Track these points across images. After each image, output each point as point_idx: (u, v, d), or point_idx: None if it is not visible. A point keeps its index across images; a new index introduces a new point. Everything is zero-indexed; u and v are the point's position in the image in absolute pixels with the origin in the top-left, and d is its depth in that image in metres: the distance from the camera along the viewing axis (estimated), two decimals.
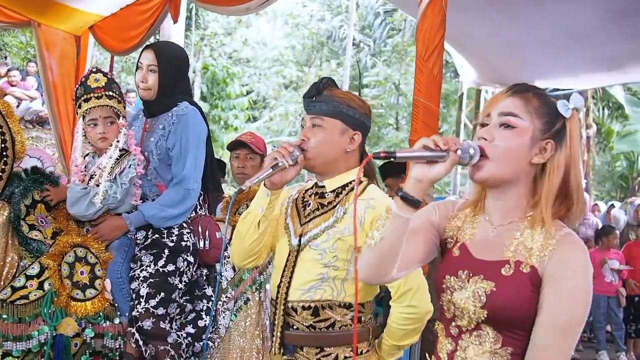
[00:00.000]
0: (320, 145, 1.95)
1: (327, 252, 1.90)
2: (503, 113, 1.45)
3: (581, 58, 7.18)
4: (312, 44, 23.33)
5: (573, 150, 1.46)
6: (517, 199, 1.47)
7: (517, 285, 1.39)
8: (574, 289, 1.35)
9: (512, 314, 1.39)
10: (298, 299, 1.91)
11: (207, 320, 2.88)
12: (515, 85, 1.51)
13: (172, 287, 2.79)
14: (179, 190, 2.90)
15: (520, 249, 1.43)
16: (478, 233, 1.52)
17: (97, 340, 2.78)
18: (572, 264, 1.37)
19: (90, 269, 2.82)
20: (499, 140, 1.44)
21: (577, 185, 1.46)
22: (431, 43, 3.47)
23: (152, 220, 2.86)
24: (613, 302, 6.47)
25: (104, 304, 2.80)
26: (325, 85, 2.01)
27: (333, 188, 2.00)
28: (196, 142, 2.93)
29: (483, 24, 6.71)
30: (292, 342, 1.93)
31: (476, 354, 1.44)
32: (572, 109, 1.46)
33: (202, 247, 2.93)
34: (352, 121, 1.98)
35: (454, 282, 1.48)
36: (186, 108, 2.95)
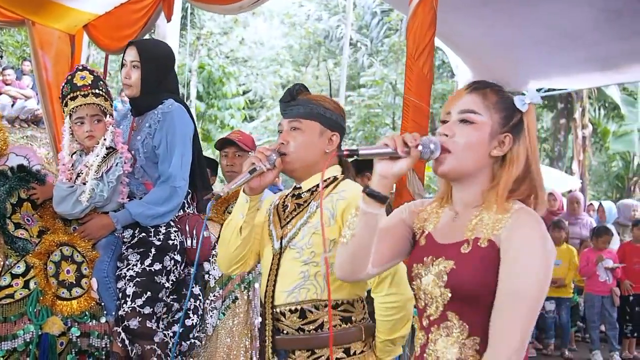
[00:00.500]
0: (300, 148, 1.96)
1: (305, 248, 1.90)
2: (462, 110, 1.51)
3: (575, 58, 7.18)
4: (309, 43, 23.33)
5: (532, 143, 1.52)
6: (478, 190, 1.52)
7: (475, 260, 1.42)
8: (524, 259, 1.37)
9: (473, 289, 1.41)
10: (284, 302, 1.90)
11: (194, 319, 2.87)
12: (474, 82, 1.56)
13: (159, 286, 2.78)
14: (165, 188, 2.89)
15: (479, 227, 1.47)
16: (442, 221, 1.58)
17: (83, 339, 2.78)
18: (522, 233, 1.40)
19: (77, 267, 2.82)
20: (459, 135, 1.49)
21: (538, 173, 1.52)
22: (421, 42, 3.46)
23: (139, 219, 2.85)
24: (607, 302, 6.45)
25: (90, 302, 2.80)
26: (299, 90, 2.03)
27: (309, 187, 2.01)
28: (182, 139, 2.92)
29: (477, 24, 6.70)
30: (283, 347, 1.92)
31: (445, 346, 1.45)
32: (529, 103, 1.52)
33: (190, 246, 2.92)
34: (329, 122, 1.99)
35: (420, 268, 1.52)
36: (172, 105, 2.94)
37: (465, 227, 1.49)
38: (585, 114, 15.56)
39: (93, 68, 3.17)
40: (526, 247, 1.38)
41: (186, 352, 2.87)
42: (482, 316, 1.41)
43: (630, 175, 17.32)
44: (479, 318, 1.42)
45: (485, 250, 1.42)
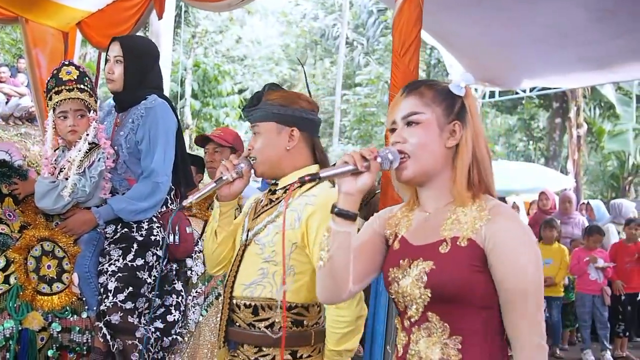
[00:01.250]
0: (262, 151, 1.98)
1: (267, 246, 1.91)
2: (405, 115, 1.52)
3: (570, 57, 7.18)
4: (305, 42, 23.35)
5: (476, 124, 1.53)
6: (444, 184, 1.53)
7: (455, 260, 1.43)
8: (520, 258, 1.40)
9: (454, 289, 1.41)
10: (240, 295, 1.93)
11: (177, 315, 2.87)
12: (408, 85, 1.58)
13: (141, 281, 2.78)
14: (148, 183, 2.88)
15: (455, 226, 1.47)
16: (414, 223, 1.58)
17: (64, 334, 2.77)
18: (509, 233, 1.41)
19: (58, 262, 2.81)
20: (410, 138, 1.50)
21: (484, 156, 1.52)
22: (407, 38, 3.45)
23: (121, 214, 2.85)
24: (598, 301, 6.44)
25: (71, 298, 2.79)
26: (267, 91, 2.03)
27: (283, 185, 2.01)
28: (165, 135, 2.92)
29: (471, 23, 6.71)
30: (234, 339, 1.95)
31: (427, 347, 1.46)
32: (465, 86, 1.53)
33: (172, 242, 2.91)
34: (285, 119, 1.98)
35: (397, 272, 1.52)
36: (154, 101, 2.94)
37: (441, 226, 1.49)
38: (580, 113, 15.59)
39: (79, 64, 3.17)
40: (519, 246, 1.40)
41: (168, 347, 2.86)
42: (462, 315, 1.43)
43: (625, 175, 17.34)
44: (460, 317, 1.43)
45: (465, 249, 1.43)
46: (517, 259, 1.39)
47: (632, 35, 6.36)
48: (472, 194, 1.48)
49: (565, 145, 17.52)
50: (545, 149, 19.82)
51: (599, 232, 6.59)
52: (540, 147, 21.03)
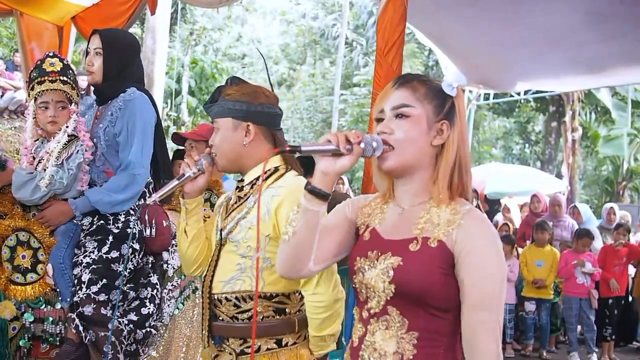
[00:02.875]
0: (220, 147, 1.99)
1: (241, 242, 1.92)
2: (395, 106, 1.51)
3: (561, 60, 7.20)
4: (305, 42, 23.35)
5: (462, 127, 1.53)
6: (423, 181, 1.52)
7: (424, 259, 1.43)
8: (486, 266, 1.40)
9: (419, 288, 1.41)
10: (220, 291, 1.94)
11: (151, 308, 2.87)
12: (400, 77, 1.57)
13: (115, 273, 2.78)
14: (125, 175, 2.88)
15: (428, 226, 1.47)
16: (387, 217, 1.57)
17: (37, 324, 2.79)
18: (479, 239, 1.42)
19: (33, 253, 2.83)
20: (398, 130, 1.49)
21: (466, 160, 1.53)
22: (391, 38, 3.47)
23: (98, 206, 2.85)
24: (585, 304, 6.45)
25: (45, 288, 2.81)
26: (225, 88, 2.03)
27: (249, 180, 2.02)
28: (142, 127, 2.92)
29: (466, 25, 6.73)
30: (218, 333, 1.96)
31: (383, 339, 1.46)
32: (457, 87, 1.53)
33: (149, 235, 2.92)
34: (240, 114, 1.98)
35: (364, 262, 1.52)
36: (133, 93, 2.94)
37: (413, 224, 1.49)
38: (575, 117, 15.60)
39: (64, 57, 3.18)
40: (488, 254, 1.41)
41: (142, 340, 2.87)
42: (422, 313, 1.43)
43: (620, 180, 17.33)
44: (419, 315, 1.43)
45: (435, 250, 1.43)
46: (485, 266, 1.40)
47: (624, 39, 6.37)
48: (449, 195, 1.49)
49: (560, 149, 17.52)
50: (541, 153, 19.83)
51: (589, 235, 6.60)
52: (536, 150, 21.02)
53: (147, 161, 2.95)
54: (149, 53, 10.40)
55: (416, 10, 5.78)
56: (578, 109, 15.95)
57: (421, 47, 18.77)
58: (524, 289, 6.78)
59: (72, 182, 2.87)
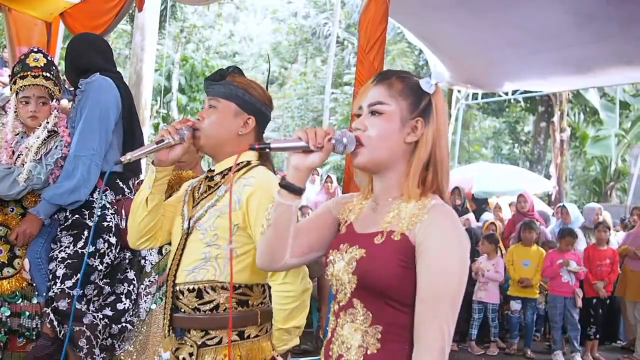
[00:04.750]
0: (212, 125, 1.97)
1: (209, 230, 1.91)
2: (370, 103, 1.52)
3: (549, 60, 7.24)
4: (296, 40, 23.35)
5: (439, 124, 1.52)
6: (397, 177, 1.53)
7: (385, 252, 1.43)
8: (442, 260, 1.39)
9: (379, 281, 1.42)
10: (184, 281, 1.93)
11: (127, 303, 2.87)
12: (380, 73, 1.58)
13: (91, 268, 2.78)
14: (69, 160, 2.85)
15: (394, 220, 1.48)
16: (363, 212, 1.59)
17: (13, 319, 2.80)
18: (439, 233, 1.41)
19: (10, 248, 2.83)
20: (371, 127, 1.50)
21: (442, 158, 1.52)
22: (372, 36, 3.49)
23: (54, 200, 2.81)
24: (569, 303, 6.47)
25: (22, 283, 2.81)
26: (231, 72, 2.04)
27: (220, 170, 2.02)
28: (93, 109, 2.88)
29: (453, 25, 6.75)
30: (179, 325, 1.95)
31: (349, 332, 1.47)
32: (435, 84, 1.52)
33: (123, 227, 2.90)
34: (247, 105, 2.00)
35: (335, 255, 1.54)
36: (93, 77, 2.95)
37: (383, 218, 1.50)
38: (564, 118, 15.66)
39: (52, 53, 3.20)
40: (444, 248, 1.40)
41: (117, 335, 2.87)
42: (385, 307, 1.43)
43: (607, 180, 17.40)
44: (383, 308, 1.44)
45: (397, 243, 1.43)
46: (440, 261, 1.39)
47: (612, 40, 6.41)
48: (420, 192, 1.49)
49: (549, 149, 17.59)
50: (530, 153, 19.90)
51: (572, 234, 6.64)
52: (525, 150, 21.10)
53: (96, 144, 2.87)
54: (138, 50, 10.36)
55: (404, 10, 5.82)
56: (567, 109, 16.03)
57: (412, 47, 18.82)
58: (510, 288, 6.80)
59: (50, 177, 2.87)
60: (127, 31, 15.05)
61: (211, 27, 20.89)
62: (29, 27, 5.63)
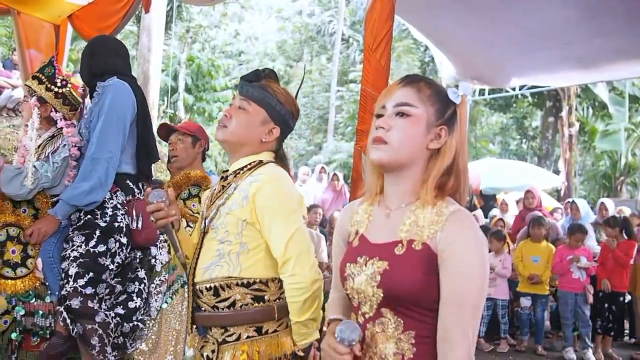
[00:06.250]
0: (238, 127, 2.00)
1: (220, 228, 1.94)
2: (398, 104, 1.51)
3: (552, 56, 7.20)
4: (301, 38, 23.35)
5: (462, 134, 1.53)
6: (413, 182, 1.53)
7: (409, 263, 1.43)
8: (464, 265, 1.40)
9: (405, 291, 1.42)
10: (201, 279, 1.96)
11: (138, 302, 2.90)
12: (407, 76, 1.57)
13: (102, 267, 2.81)
14: (87, 161, 2.88)
15: (413, 228, 1.47)
16: (374, 220, 1.58)
17: (27, 318, 2.83)
18: (460, 240, 1.41)
19: (23, 248, 2.87)
20: (396, 128, 1.50)
21: (464, 167, 1.53)
22: (379, 34, 3.48)
23: (72, 202, 2.84)
24: (580, 299, 6.41)
25: (35, 282, 2.85)
26: (267, 75, 2.07)
27: (233, 170, 2.04)
28: (109, 110, 2.91)
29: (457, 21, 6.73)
30: (201, 324, 1.98)
31: (382, 342, 1.47)
32: (461, 95, 1.53)
33: (135, 227, 2.92)
34: (275, 115, 2.03)
35: (353, 268, 1.53)
36: (110, 80, 2.97)
37: (399, 227, 1.50)
38: (572, 112, 15.59)
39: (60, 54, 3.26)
40: (467, 254, 1.40)
41: (128, 333, 2.90)
42: (415, 313, 1.44)
43: (617, 175, 17.26)
44: (412, 315, 1.44)
45: (420, 253, 1.43)
46: (463, 267, 1.39)
47: (616, 35, 6.37)
48: (435, 195, 1.49)
49: (558, 144, 17.50)
50: (538, 148, 19.81)
51: (581, 230, 6.59)
52: (533, 146, 21.01)
53: (113, 146, 2.90)
54: (144, 51, 10.41)
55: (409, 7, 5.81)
56: (575, 104, 15.94)
57: (417, 44, 18.79)
58: (520, 284, 6.77)
59: (60, 176, 2.91)
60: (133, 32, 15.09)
61: (217, 27, 20.92)
62: (37, 30, 5.66)
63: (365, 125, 3.32)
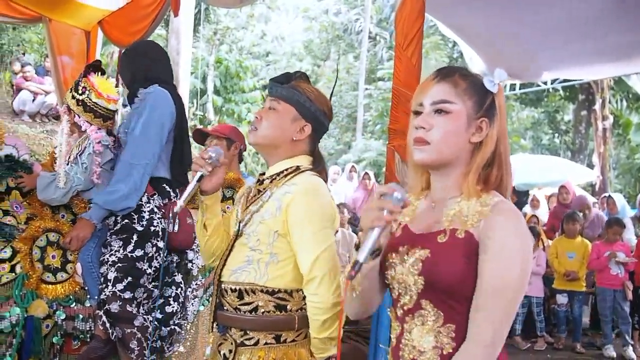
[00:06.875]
0: (269, 127, 2.00)
1: (252, 235, 1.94)
2: (435, 101, 1.49)
3: (586, 48, 7.07)
4: (328, 37, 23.34)
5: (502, 123, 1.50)
6: (457, 176, 1.51)
7: (451, 250, 1.42)
8: (504, 258, 1.37)
9: (447, 279, 1.40)
10: (228, 280, 1.97)
11: (175, 306, 2.92)
12: (441, 70, 1.54)
13: (140, 271, 2.84)
14: (122, 165, 2.93)
15: (457, 218, 1.46)
16: (419, 212, 1.57)
17: (68, 322, 2.89)
18: (503, 227, 1.39)
19: (62, 253, 2.92)
20: (437, 126, 1.48)
21: (506, 156, 1.51)
22: (410, 32, 3.46)
23: (107, 206, 2.88)
24: (619, 296, 6.29)
25: (75, 287, 2.90)
26: (298, 77, 2.06)
27: (270, 175, 2.04)
28: (148, 117, 2.95)
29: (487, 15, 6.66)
30: (222, 323, 1.99)
31: (420, 335, 1.45)
32: (498, 83, 1.49)
33: (171, 230, 2.94)
34: (305, 112, 2.01)
35: (395, 258, 1.51)
36: (152, 88, 3.01)
37: (443, 217, 1.48)
38: (605, 105, 15.29)
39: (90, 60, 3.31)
40: (506, 246, 1.37)
41: (166, 337, 2.93)
42: (456, 305, 1.41)
43: None
44: (453, 307, 1.42)
45: (462, 241, 1.41)
46: (503, 256, 1.37)
47: None
48: (481, 189, 1.47)
49: (591, 138, 17.19)
50: (571, 142, 19.52)
51: (619, 224, 6.46)
52: (566, 140, 20.69)
53: (150, 154, 2.95)
54: (173, 54, 10.51)
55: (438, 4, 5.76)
56: (608, 96, 15.62)
57: (445, 39, 18.64)
58: (555, 281, 6.67)
59: (90, 175, 2.95)
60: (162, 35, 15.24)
61: (244, 28, 21.04)
62: (68, 37, 5.76)
63: (398, 124, 3.29)
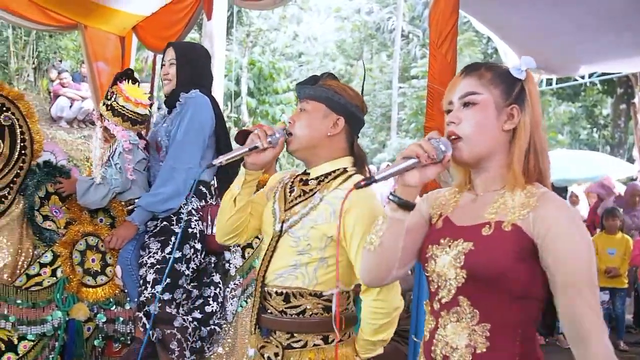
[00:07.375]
0: (302, 127, 1.97)
1: (301, 239, 1.90)
2: (462, 95, 1.48)
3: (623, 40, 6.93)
4: (361, 37, 23.30)
5: (535, 110, 1.48)
6: (498, 168, 1.49)
7: (496, 243, 1.39)
8: (572, 247, 1.35)
9: (491, 272, 1.37)
10: (272, 284, 1.93)
11: (214, 306, 2.94)
12: (467, 66, 1.54)
13: (179, 273, 2.86)
14: (165, 169, 2.97)
15: (501, 210, 1.43)
16: (461, 205, 1.54)
17: (109, 325, 2.93)
18: (559, 221, 1.37)
19: (102, 256, 2.96)
20: (466, 119, 1.46)
21: (542, 144, 1.49)
22: (444, 29, 3.42)
23: (150, 208, 2.93)
24: None
25: (115, 290, 2.95)
26: (325, 77, 2.05)
27: (316, 175, 2.00)
28: (191, 122, 2.98)
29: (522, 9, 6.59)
30: (266, 326, 1.95)
31: (455, 332, 1.43)
32: (525, 70, 1.47)
33: (209, 233, 2.98)
34: (335, 106, 1.98)
35: (436, 249, 1.49)
36: (194, 93, 3.04)
37: (487, 209, 1.45)
38: None
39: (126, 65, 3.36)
40: (573, 230, 1.36)
41: (206, 337, 2.95)
42: (494, 303, 1.38)
43: None
44: (491, 305, 1.39)
45: (509, 234, 1.38)
46: (573, 247, 1.35)
47: None
48: (524, 181, 1.44)
49: (631, 132, 16.79)
50: (610, 137, 19.10)
51: None
52: (605, 134, 20.27)
53: (191, 158, 2.98)
54: None
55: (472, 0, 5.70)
56: None
57: (479, 36, 18.44)
58: None
59: (125, 175, 3.00)
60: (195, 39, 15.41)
61: (276, 30, 21.14)
62: (103, 43, 5.86)
63: (434, 122, 3.26)
